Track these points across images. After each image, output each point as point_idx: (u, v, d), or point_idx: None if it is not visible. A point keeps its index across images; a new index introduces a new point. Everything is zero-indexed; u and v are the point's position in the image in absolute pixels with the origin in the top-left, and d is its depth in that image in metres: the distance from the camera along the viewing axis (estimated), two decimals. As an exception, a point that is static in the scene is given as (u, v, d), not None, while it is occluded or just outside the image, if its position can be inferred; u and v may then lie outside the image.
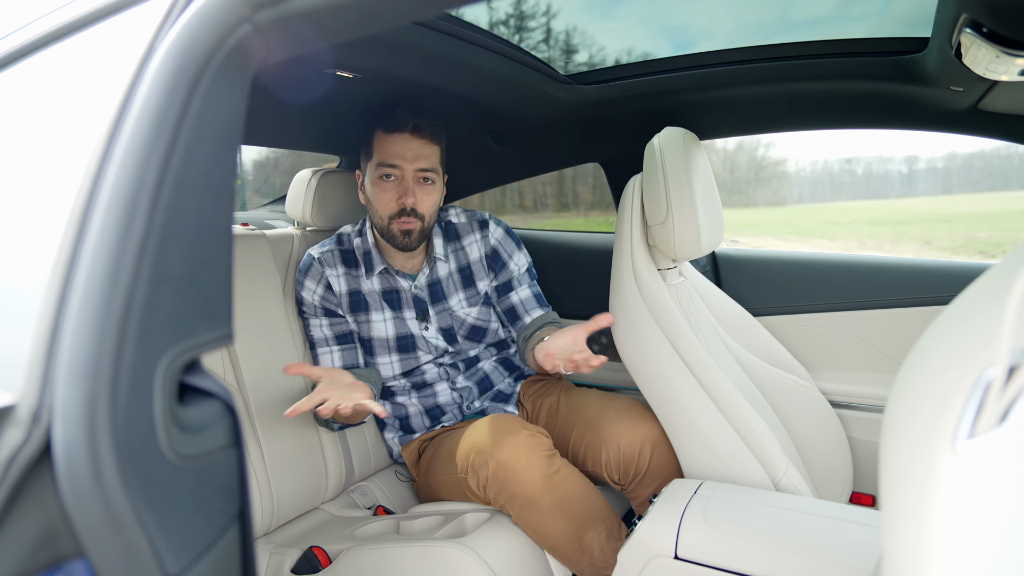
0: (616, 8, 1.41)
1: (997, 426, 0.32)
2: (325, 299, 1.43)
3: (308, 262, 1.45)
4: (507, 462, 1.16)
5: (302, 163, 2.41)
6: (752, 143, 26.67)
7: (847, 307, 1.63)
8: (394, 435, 1.54)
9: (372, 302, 1.46)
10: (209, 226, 0.51)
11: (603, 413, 1.36)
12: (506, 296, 1.52)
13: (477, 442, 1.22)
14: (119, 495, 0.44)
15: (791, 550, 0.93)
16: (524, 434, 1.20)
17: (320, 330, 1.44)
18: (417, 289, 1.47)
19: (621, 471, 1.31)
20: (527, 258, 1.56)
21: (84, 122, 0.53)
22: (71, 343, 0.46)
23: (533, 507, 1.16)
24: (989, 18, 0.82)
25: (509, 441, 1.18)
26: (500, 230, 1.53)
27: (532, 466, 1.16)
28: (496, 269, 1.52)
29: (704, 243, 1.26)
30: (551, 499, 1.16)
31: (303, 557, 1.21)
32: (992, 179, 23.17)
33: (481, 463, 1.19)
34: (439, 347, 1.48)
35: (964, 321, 0.38)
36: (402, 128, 1.33)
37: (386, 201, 1.36)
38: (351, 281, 1.45)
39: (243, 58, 0.54)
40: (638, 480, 1.30)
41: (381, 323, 1.46)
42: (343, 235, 1.49)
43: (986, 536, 0.30)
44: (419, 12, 0.58)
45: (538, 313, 1.51)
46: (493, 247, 1.52)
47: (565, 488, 1.19)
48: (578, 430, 1.37)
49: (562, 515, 1.17)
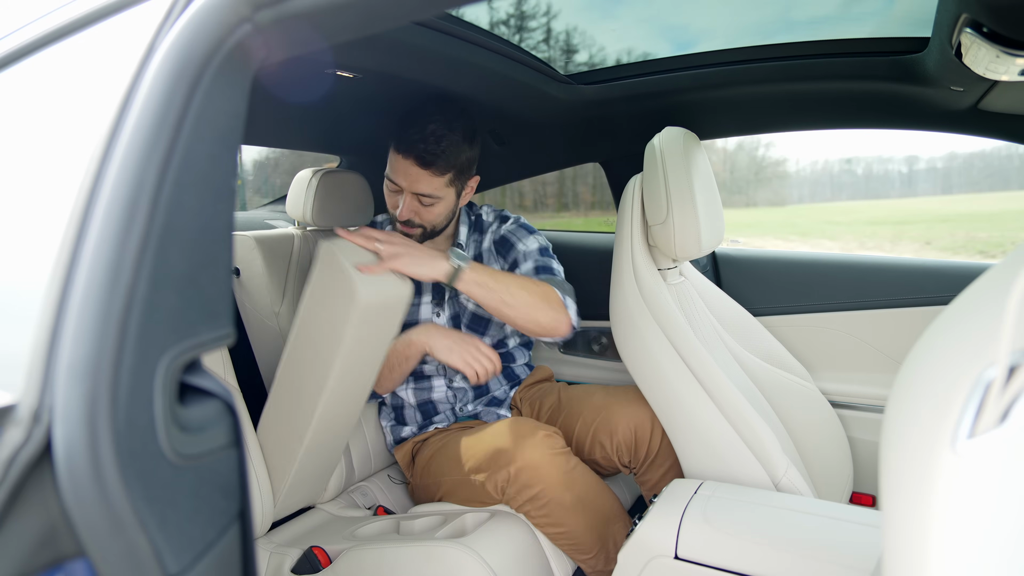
0: (616, 8, 1.41)
1: (997, 426, 0.32)
2: None
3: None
4: (529, 463, 1.18)
5: (302, 163, 2.41)
6: (752, 143, 26.68)
7: (847, 307, 1.63)
8: (388, 423, 1.55)
9: None
10: (209, 226, 0.51)
11: (611, 399, 1.37)
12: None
13: (496, 444, 1.23)
14: (119, 495, 0.44)
15: (791, 550, 0.93)
16: (541, 434, 1.22)
17: None
18: None
19: (632, 454, 1.32)
20: (540, 242, 1.52)
21: (84, 122, 0.53)
22: (71, 343, 0.46)
23: (555, 505, 1.19)
24: (989, 18, 0.82)
25: (529, 442, 1.20)
26: (515, 224, 1.54)
27: (554, 465, 1.19)
28: (504, 253, 1.52)
29: (704, 243, 1.26)
30: (572, 496, 1.19)
31: (303, 557, 1.21)
32: (992, 179, 23.17)
33: (500, 465, 1.20)
34: None
35: (964, 321, 0.38)
36: (407, 152, 1.32)
37: (392, 204, 1.39)
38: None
39: (243, 58, 0.54)
40: (649, 462, 1.32)
41: None
42: (376, 223, 1.54)
43: (986, 536, 0.30)
44: (419, 12, 0.58)
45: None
46: (503, 235, 1.52)
47: (583, 484, 1.22)
48: (584, 418, 1.38)
49: (583, 511, 1.20)
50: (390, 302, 1.19)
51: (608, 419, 1.33)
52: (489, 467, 1.22)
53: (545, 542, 1.23)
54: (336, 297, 1.14)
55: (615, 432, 1.32)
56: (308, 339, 1.19)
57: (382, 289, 1.16)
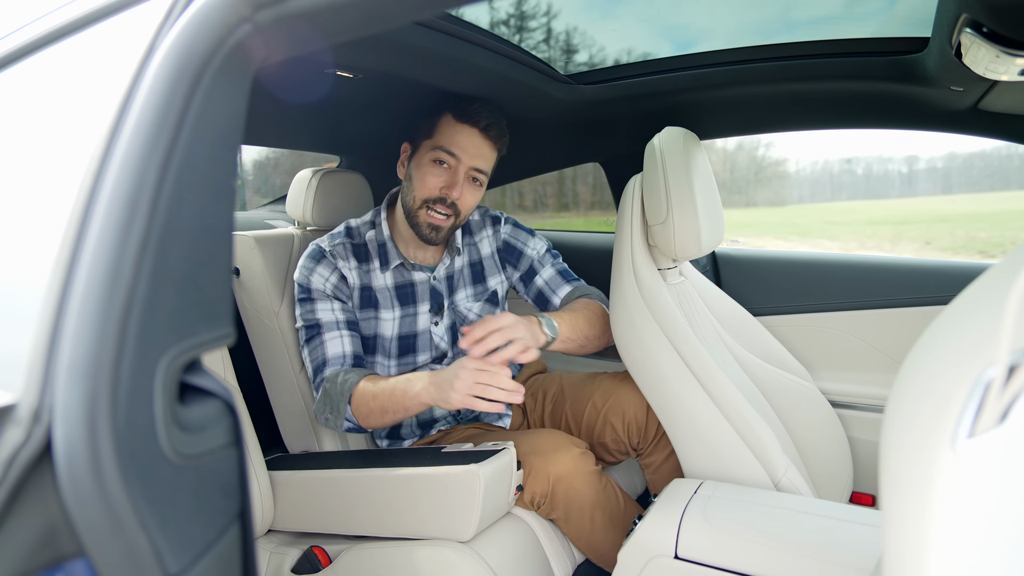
0: (616, 8, 1.41)
1: (997, 426, 0.32)
2: (338, 288, 1.36)
3: (318, 252, 1.37)
4: (565, 476, 1.19)
5: (302, 163, 2.41)
6: (752, 143, 26.63)
7: (847, 307, 1.63)
8: (383, 442, 1.49)
9: (383, 299, 1.40)
10: (209, 226, 0.51)
11: (620, 382, 1.38)
12: (531, 282, 1.51)
13: (529, 457, 1.22)
14: (120, 494, 0.44)
15: (791, 550, 0.93)
16: (576, 451, 1.23)
17: (331, 313, 1.34)
18: (436, 281, 1.43)
19: (642, 434, 1.34)
20: (544, 241, 1.54)
21: (85, 122, 0.53)
22: (72, 342, 0.46)
23: (588, 520, 1.21)
24: (989, 18, 0.82)
25: (564, 456, 1.21)
26: (509, 225, 1.53)
27: (588, 482, 1.21)
28: (514, 261, 1.51)
29: (704, 243, 1.26)
30: (603, 514, 1.22)
31: (303, 557, 1.21)
32: (992, 179, 23.15)
33: (536, 478, 1.20)
34: (440, 347, 1.45)
35: (964, 321, 0.38)
36: (475, 122, 1.30)
37: (430, 184, 1.31)
38: (363, 276, 1.39)
39: (243, 58, 0.54)
40: (656, 441, 1.34)
41: (390, 321, 1.40)
42: (352, 228, 1.43)
43: (986, 536, 0.30)
44: (419, 12, 0.58)
45: (565, 290, 1.49)
46: (505, 240, 1.51)
47: (614, 501, 1.25)
48: (595, 401, 1.38)
49: (613, 527, 1.23)
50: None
51: (619, 400, 1.35)
52: (524, 479, 1.22)
53: (545, 542, 1.24)
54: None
55: (626, 411, 1.33)
56: None
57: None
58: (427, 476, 1.13)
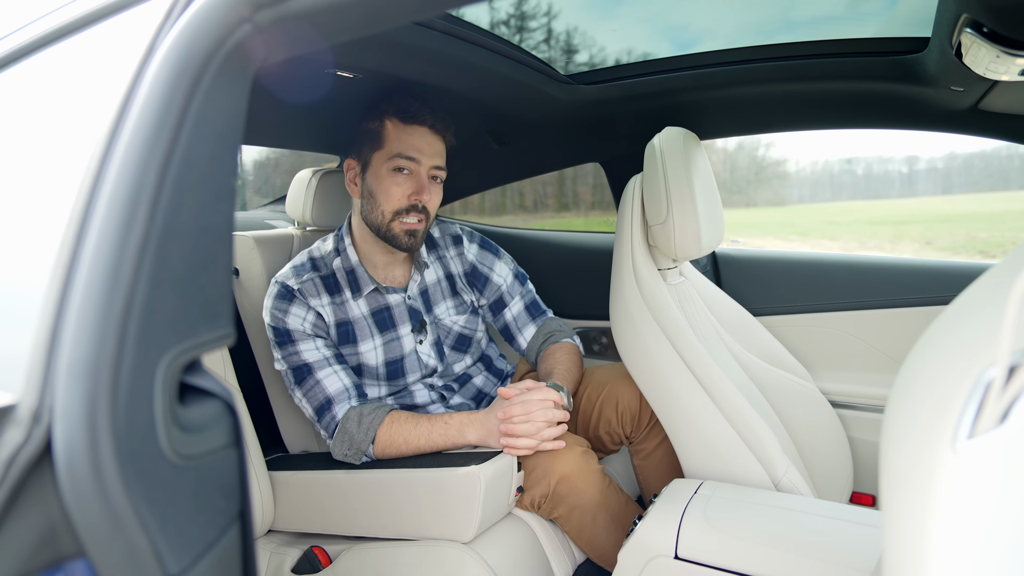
0: (616, 8, 1.41)
1: (997, 426, 0.32)
2: (316, 326, 1.30)
3: (287, 293, 1.29)
4: (568, 476, 1.19)
5: (302, 163, 2.41)
6: (752, 143, 26.68)
7: (847, 307, 1.63)
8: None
9: (360, 331, 1.34)
10: (210, 226, 0.51)
11: (613, 373, 1.40)
12: (500, 314, 1.50)
13: (532, 456, 1.22)
14: (120, 495, 0.44)
15: (791, 550, 0.93)
16: (579, 450, 1.23)
17: (317, 352, 1.28)
18: (411, 300, 1.40)
19: (636, 423, 1.36)
20: (510, 264, 1.52)
21: (85, 122, 0.53)
22: (71, 343, 0.46)
23: (590, 519, 1.21)
24: (989, 18, 0.82)
25: (568, 456, 1.21)
26: (475, 246, 1.49)
27: (591, 481, 1.21)
28: (480, 287, 1.49)
29: (704, 243, 1.26)
30: (606, 513, 1.22)
31: (303, 557, 1.21)
32: (992, 179, 23.16)
33: (538, 479, 1.20)
34: (429, 365, 1.40)
35: (964, 321, 0.38)
36: (422, 120, 1.27)
37: (396, 195, 1.27)
38: (337, 310, 1.33)
39: (243, 58, 0.54)
40: (648, 429, 1.36)
41: (371, 351, 1.35)
42: (317, 259, 1.36)
43: (986, 536, 0.30)
44: (419, 12, 0.58)
45: (531, 330, 1.49)
46: (471, 263, 1.48)
47: (616, 501, 1.25)
48: (589, 395, 1.40)
49: (615, 527, 1.23)
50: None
51: (613, 390, 1.37)
52: (525, 481, 1.22)
53: (545, 543, 1.24)
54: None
55: (620, 400, 1.35)
56: None
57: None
58: (428, 477, 1.13)
